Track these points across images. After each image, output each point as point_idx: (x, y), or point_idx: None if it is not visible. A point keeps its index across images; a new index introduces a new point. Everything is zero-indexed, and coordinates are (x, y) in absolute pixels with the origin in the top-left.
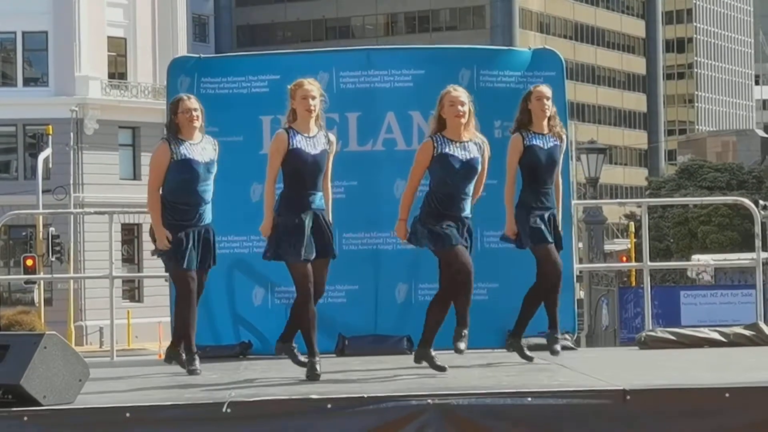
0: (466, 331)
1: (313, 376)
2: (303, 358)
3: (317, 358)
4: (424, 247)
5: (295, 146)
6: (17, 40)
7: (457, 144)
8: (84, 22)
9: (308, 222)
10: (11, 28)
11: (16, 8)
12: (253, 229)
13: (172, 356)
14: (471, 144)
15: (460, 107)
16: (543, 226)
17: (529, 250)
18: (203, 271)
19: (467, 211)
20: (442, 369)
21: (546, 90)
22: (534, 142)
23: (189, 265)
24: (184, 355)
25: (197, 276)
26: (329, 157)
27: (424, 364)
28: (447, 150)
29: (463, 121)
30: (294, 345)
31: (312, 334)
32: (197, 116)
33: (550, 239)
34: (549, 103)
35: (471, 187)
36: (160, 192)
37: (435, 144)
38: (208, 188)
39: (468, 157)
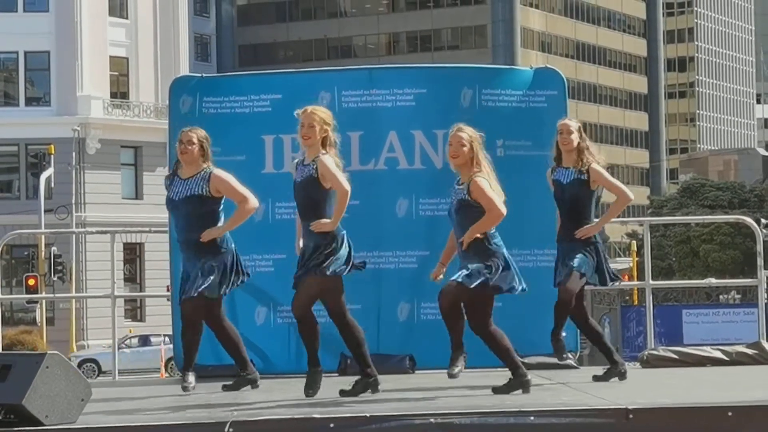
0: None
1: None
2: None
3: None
4: None
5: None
6: (19, 59)
7: (456, 187)
8: (86, 42)
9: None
10: (13, 47)
11: (18, 28)
12: (256, 249)
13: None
14: (464, 186)
15: (455, 146)
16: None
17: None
18: (188, 300)
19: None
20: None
21: (570, 124)
22: (557, 177)
23: (186, 294)
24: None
25: (201, 304)
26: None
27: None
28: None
29: (457, 161)
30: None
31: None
32: (187, 149)
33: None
34: (570, 137)
35: (467, 224)
36: None
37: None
38: (195, 223)
39: (453, 201)
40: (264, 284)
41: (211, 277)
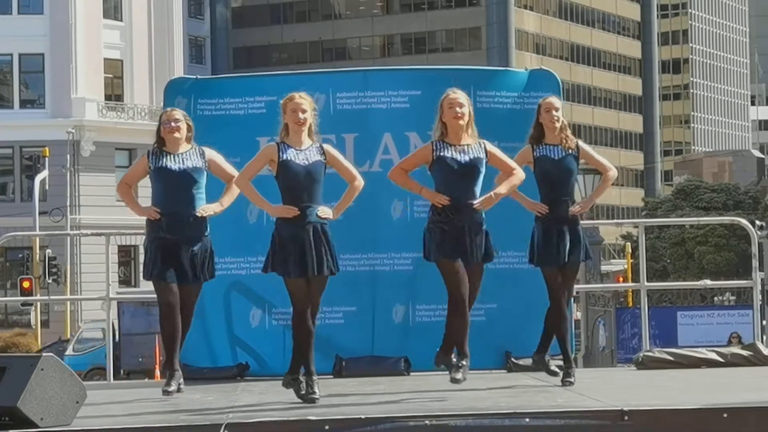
0: (463, 362)
1: (308, 398)
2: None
3: (315, 378)
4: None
5: (284, 159)
6: (14, 62)
7: (457, 147)
8: (80, 44)
9: (306, 235)
10: (8, 50)
11: (12, 31)
12: (250, 251)
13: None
14: (473, 146)
15: (458, 108)
16: (553, 245)
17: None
18: (190, 287)
19: (477, 216)
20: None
21: (554, 100)
22: (544, 153)
23: (161, 277)
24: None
25: (183, 289)
26: (326, 167)
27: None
28: (445, 153)
29: (462, 122)
30: (301, 379)
31: (307, 352)
32: (177, 127)
33: (557, 261)
34: (558, 114)
35: (476, 190)
36: (132, 187)
37: (434, 147)
38: (189, 197)
39: (467, 159)
40: (258, 286)
41: (211, 263)
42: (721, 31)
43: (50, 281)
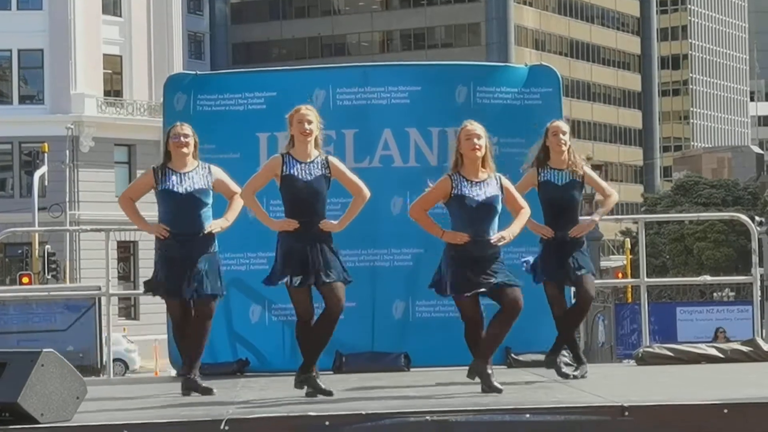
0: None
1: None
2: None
3: (314, 373)
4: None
5: (288, 173)
6: (13, 57)
7: (475, 184)
8: (80, 40)
9: (308, 247)
10: (7, 45)
11: (11, 26)
12: (250, 247)
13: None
14: (489, 182)
15: (476, 140)
16: (553, 262)
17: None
18: (199, 302)
19: (492, 250)
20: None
21: (562, 125)
22: (548, 178)
23: (169, 293)
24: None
25: (193, 304)
26: (330, 180)
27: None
28: (464, 191)
29: (479, 154)
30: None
31: (312, 355)
32: (186, 142)
33: (558, 276)
34: (565, 137)
35: (493, 226)
36: (134, 202)
37: (453, 183)
38: (196, 218)
39: (484, 198)
40: (258, 282)
41: (221, 276)
42: (720, 27)
43: (49, 277)
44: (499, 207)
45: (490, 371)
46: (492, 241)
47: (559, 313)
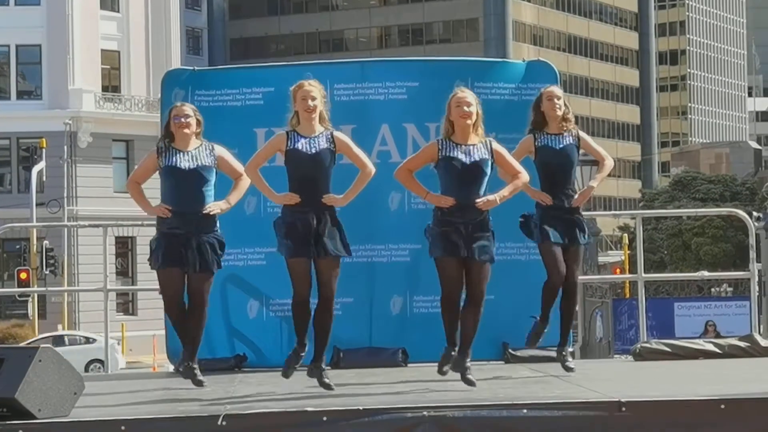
0: (464, 362)
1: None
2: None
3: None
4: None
5: (293, 147)
6: (11, 53)
7: (463, 147)
8: (77, 36)
9: (310, 220)
10: (5, 41)
11: (9, 22)
12: (248, 242)
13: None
14: (478, 146)
15: (465, 107)
16: (554, 229)
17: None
18: (198, 276)
19: (479, 215)
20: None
21: (556, 89)
22: (546, 143)
23: (164, 265)
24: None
25: (191, 279)
26: (335, 155)
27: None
28: (451, 153)
29: (470, 122)
30: (324, 366)
31: (302, 332)
32: (187, 123)
33: (558, 240)
34: (560, 102)
35: (481, 191)
36: (140, 185)
37: (440, 147)
38: (199, 196)
39: (473, 160)
40: (256, 278)
41: (220, 252)
42: (718, 22)
43: (47, 272)
44: (488, 170)
45: (468, 365)
46: (478, 205)
47: (557, 280)
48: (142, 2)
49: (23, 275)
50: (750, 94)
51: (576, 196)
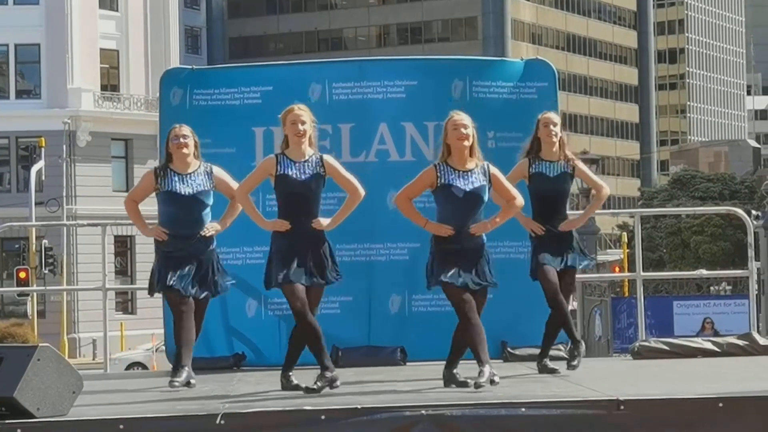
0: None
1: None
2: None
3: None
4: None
5: (282, 172)
6: (10, 52)
7: (461, 174)
8: (76, 35)
9: (302, 246)
10: (4, 40)
11: (8, 21)
12: (246, 241)
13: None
14: (476, 172)
15: (462, 129)
16: (549, 256)
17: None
18: (198, 299)
19: (475, 241)
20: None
21: (553, 116)
22: (540, 170)
23: (170, 287)
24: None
25: (194, 301)
26: (324, 179)
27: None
28: (450, 181)
29: (467, 143)
30: (290, 374)
31: (318, 351)
32: (186, 143)
33: (552, 264)
34: (556, 129)
35: (479, 218)
36: (137, 204)
37: (438, 173)
38: (198, 220)
39: (471, 188)
40: (254, 277)
41: (224, 275)
42: (717, 20)
43: (47, 272)
44: (486, 197)
45: (456, 371)
46: (471, 231)
47: (555, 299)
48: (141, 1)
49: (22, 274)
50: (749, 93)
51: (565, 222)
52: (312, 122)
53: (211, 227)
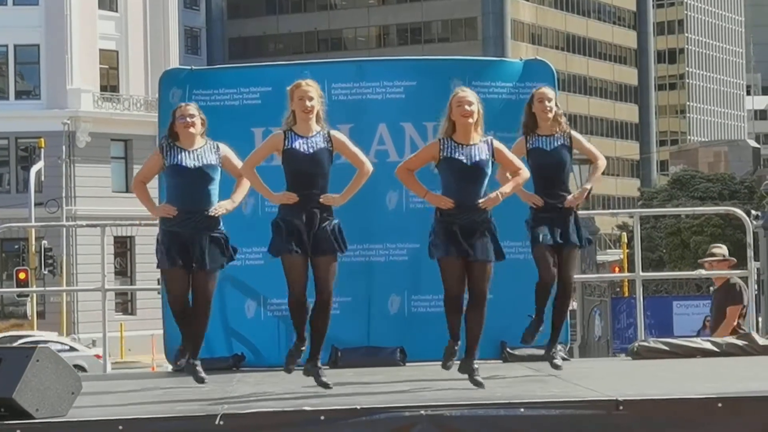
0: (471, 363)
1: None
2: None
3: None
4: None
5: (290, 146)
6: (9, 53)
7: (465, 147)
8: (76, 35)
9: (307, 219)
10: (3, 41)
11: (8, 22)
12: (245, 242)
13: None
14: (480, 146)
15: (467, 106)
16: (546, 230)
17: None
18: (204, 273)
19: (482, 215)
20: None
21: (548, 91)
22: (538, 145)
23: (170, 265)
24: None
25: (191, 278)
26: (333, 154)
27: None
28: (452, 154)
29: (471, 120)
30: (319, 366)
31: (301, 327)
32: (192, 122)
33: (548, 241)
34: (551, 104)
35: (481, 191)
36: (146, 185)
37: (441, 147)
38: (204, 194)
39: (474, 161)
40: (253, 278)
41: (225, 251)
42: (716, 20)
43: (46, 272)
44: (489, 170)
45: (475, 366)
46: (480, 204)
47: (547, 279)
48: (141, 2)
49: (22, 275)
50: (749, 93)
51: (570, 197)
52: (320, 98)
53: (221, 206)
